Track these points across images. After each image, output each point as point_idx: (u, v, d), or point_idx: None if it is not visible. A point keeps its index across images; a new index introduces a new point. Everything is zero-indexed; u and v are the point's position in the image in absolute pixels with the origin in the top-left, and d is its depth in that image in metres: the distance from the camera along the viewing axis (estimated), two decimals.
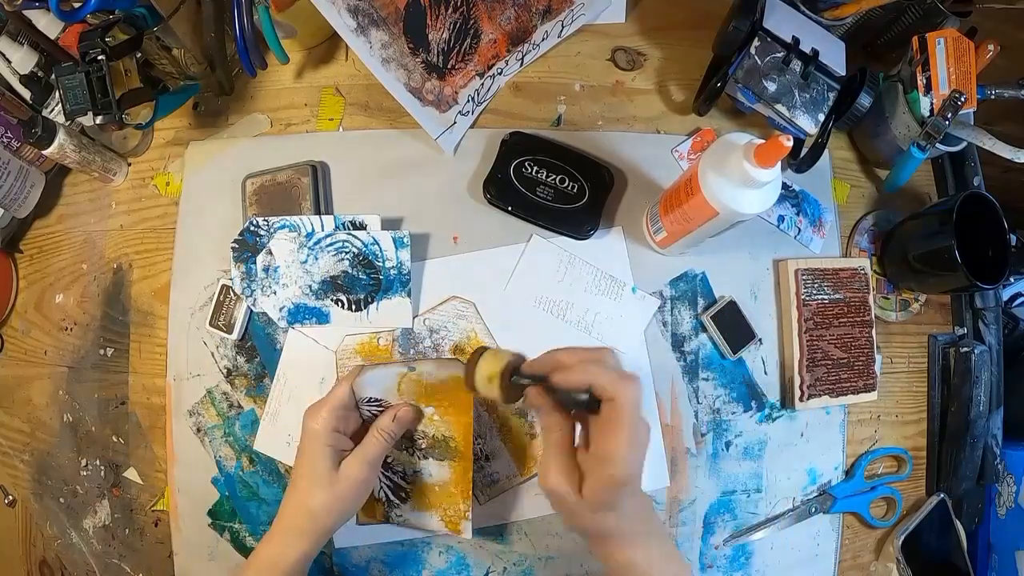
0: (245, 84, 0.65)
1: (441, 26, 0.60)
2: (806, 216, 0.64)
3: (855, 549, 0.64)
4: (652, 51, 0.67)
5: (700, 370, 0.61)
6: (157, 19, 0.58)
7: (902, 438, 0.65)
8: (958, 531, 0.63)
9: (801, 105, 0.58)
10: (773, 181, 0.45)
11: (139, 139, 0.65)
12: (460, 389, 0.51)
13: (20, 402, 0.66)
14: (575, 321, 0.61)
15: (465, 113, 0.63)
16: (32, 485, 0.65)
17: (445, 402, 0.53)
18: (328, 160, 0.63)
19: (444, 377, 0.53)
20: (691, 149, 0.64)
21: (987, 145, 0.57)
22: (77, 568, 0.63)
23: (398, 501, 0.56)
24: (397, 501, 0.56)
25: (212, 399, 0.61)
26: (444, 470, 0.54)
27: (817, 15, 0.61)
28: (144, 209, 0.65)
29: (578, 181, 0.61)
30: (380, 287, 0.59)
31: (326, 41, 0.65)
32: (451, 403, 0.53)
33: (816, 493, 0.62)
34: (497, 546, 0.59)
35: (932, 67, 0.56)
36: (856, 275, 0.63)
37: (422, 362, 0.53)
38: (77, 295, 0.65)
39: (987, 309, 0.66)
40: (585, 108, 0.65)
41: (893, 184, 0.63)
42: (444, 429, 0.53)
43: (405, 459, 0.55)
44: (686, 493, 0.60)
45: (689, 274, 0.62)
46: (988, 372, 0.63)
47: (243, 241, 0.59)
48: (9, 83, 0.62)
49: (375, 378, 0.52)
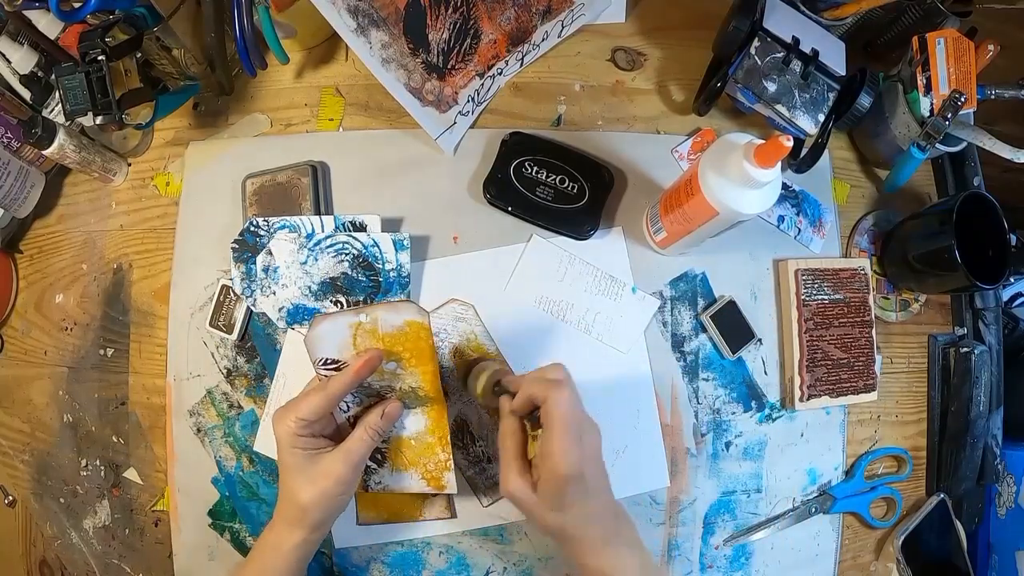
0: (245, 84, 0.65)
1: (441, 26, 0.60)
2: (806, 216, 0.64)
3: (855, 549, 0.64)
4: (652, 51, 0.67)
5: (700, 370, 0.61)
6: (157, 19, 0.58)
7: (902, 438, 0.65)
8: (958, 531, 0.63)
9: (801, 105, 0.58)
10: (773, 181, 0.45)
11: (139, 139, 0.65)
12: (418, 336, 0.50)
13: (20, 402, 0.66)
14: (575, 321, 0.61)
15: (465, 113, 0.63)
16: (32, 485, 0.65)
17: (406, 353, 0.50)
18: (328, 160, 0.63)
19: (399, 324, 0.49)
20: (691, 149, 0.64)
21: (987, 145, 0.57)
22: (77, 568, 0.63)
23: (375, 466, 0.54)
24: (374, 466, 0.54)
25: (212, 399, 0.61)
26: (419, 420, 0.52)
27: (817, 15, 0.61)
28: (144, 209, 0.65)
29: (578, 181, 0.61)
30: (379, 289, 0.59)
31: (326, 41, 0.66)
32: (411, 352, 0.50)
33: (816, 493, 0.62)
34: (497, 546, 0.59)
35: (932, 67, 0.56)
36: (856, 275, 0.63)
37: (374, 308, 0.49)
38: (77, 295, 0.65)
39: (987, 309, 0.66)
40: (585, 108, 0.65)
41: (893, 184, 0.63)
42: (411, 380, 0.51)
43: None
44: (686, 493, 0.60)
45: (689, 274, 0.62)
46: (988, 372, 0.63)
47: (243, 241, 0.59)
48: (9, 83, 0.62)
49: (327, 332, 0.48)
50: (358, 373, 0.47)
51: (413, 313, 0.49)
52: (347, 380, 0.47)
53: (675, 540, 0.60)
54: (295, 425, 0.46)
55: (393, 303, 0.51)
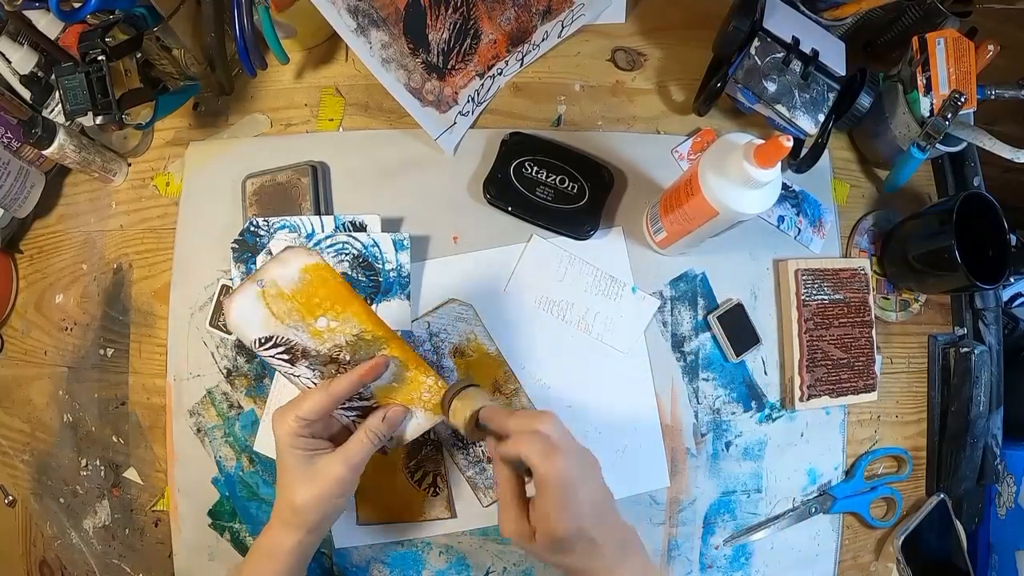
0: (245, 84, 0.65)
1: (441, 26, 0.60)
2: (806, 216, 0.64)
3: (855, 549, 0.64)
4: (652, 51, 0.67)
5: (700, 370, 0.61)
6: (157, 19, 0.58)
7: (902, 438, 0.65)
8: (958, 531, 0.63)
9: (801, 105, 0.58)
10: (773, 181, 0.45)
11: (139, 139, 0.65)
12: (324, 280, 0.46)
13: (20, 402, 0.66)
14: (575, 321, 0.61)
15: (465, 113, 0.63)
16: (32, 485, 0.65)
17: (326, 302, 0.47)
18: (328, 160, 0.63)
19: (295, 276, 0.46)
20: (691, 149, 0.64)
21: (987, 145, 0.57)
22: (77, 568, 0.63)
23: None
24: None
25: (212, 399, 0.61)
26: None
27: (817, 15, 0.61)
28: (144, 209, 0.65)
29: (578, 181, 0.61)
30: (379, 289, 0.59)
31: (326, 41, 0.66)
32: (331, 300, 0.47)
33: (816, 493, 0.62)
34: (497, 546, 0.59)
35: (932, 67, 0.56)
36: (856, 275, 0.63)
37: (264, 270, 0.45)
38: (77, 295, 0.65)
39: (987, 309, 0.66)
40: (585, 108, 0.65)
41: (893, 184, 0.63)
42: (349, 328, 0.48)
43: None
44: (686, 493, 0.60)
45: (689, 274, 0.62)
46: (988, 372, 0.63)
47: (243, 241, 0.59)
48: (9, 83, 0.62)
49: (242, 313, 0.45)
50: (363, 377, 0.47)
51: (302, 257, 0.46)
52: (352, 380, 0.46)
53: (675, 540, 0.60)
54: (295, 424, 0.45)
55: (278, 256, 0.46)
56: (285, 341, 0.47)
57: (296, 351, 0.47)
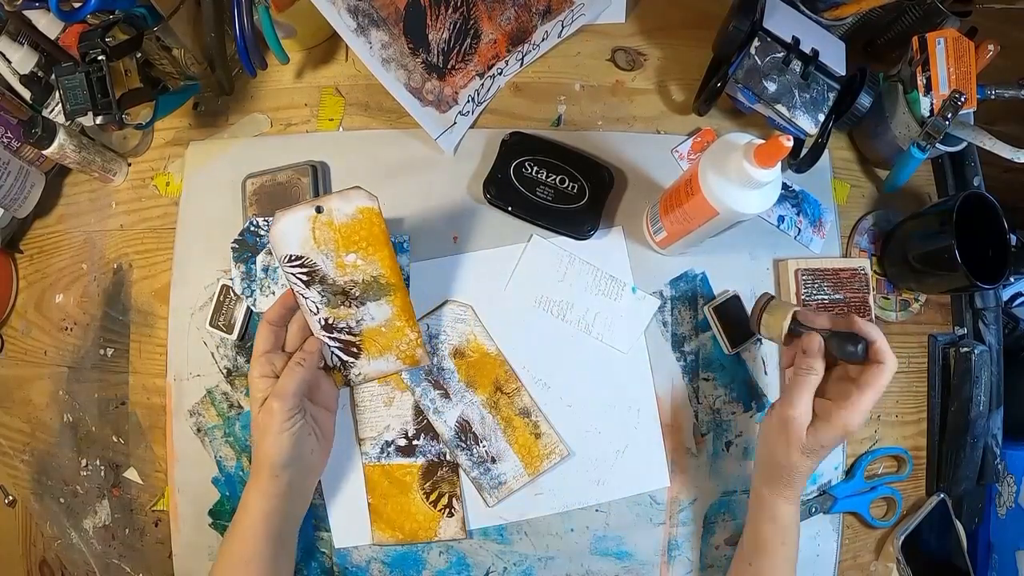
0: (245, 84, 0.65)
1: (441, 26, 0.60)
2: (806, 216, 0.64)
3: (855, 549, 0.64)
4: (652, 51, 0.67)
5: (700, 370, 0.61)
6: (157, 19, 0.58)
7: (902, 438, 0.65)
8: (958, 531, 0.63)
9: (801, 105, 0.58)
10: (773, 181, 0.46)
11: (139, 139, 0.65)
12: (371, 223, 0.50)
13: (20, 402, 0.66)
14: (575, 321, 0.61)
15: (465, 113, 0.63)
16: (32, 485, 0.65)
17: (363, 242, 0.50)
18: (328, 160, 0.63)
19: (352, 212, 0.50)
20: (691, 149, 0.64)
21: (987, 145, 0.57)
22: (77, 568, 0.63)
23: (351, 359, 0.54)
24: (351, 360, 0.54)
25: (212, 399, 0.61)
26: (384, 308, 0.53)
27: (817, 15, 0.61)
28: (144, 209, 0.65)
29: (578, 181, 0.61)
30: None
31: (326, 41, 0.66)
32: (368, 241, 0.50)
33: (816, 493, 0.62)
34: (497, 546, 0.59)
35: (932, 67, 0.56)
36: (856, 275, 0.63)
37: (328, 198, 0.49)
38: (77, 295, 0.65)
39: (987, 309, 0.66)
40: (585, 108, 0.65)
41: (893, 184, 0.63)
42: (371, 270, 0.51)
43: (345, 313, 0.53)
44: (686, 493, 0.60)
45: (689, 274, 0.62)
46: (988, 372, 0.63)
47: (243, 241, 0.59)
48: (9, 83, 0.62)
49: (288, 228, 0.49)
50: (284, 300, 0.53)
51: (364, 199, 0.49)
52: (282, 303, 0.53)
53: (675, 540, 0.60)
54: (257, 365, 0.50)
55: (344, 192, 0.50)
56: (311, 264, 0.50)
57: (316, 275, 0.51)
